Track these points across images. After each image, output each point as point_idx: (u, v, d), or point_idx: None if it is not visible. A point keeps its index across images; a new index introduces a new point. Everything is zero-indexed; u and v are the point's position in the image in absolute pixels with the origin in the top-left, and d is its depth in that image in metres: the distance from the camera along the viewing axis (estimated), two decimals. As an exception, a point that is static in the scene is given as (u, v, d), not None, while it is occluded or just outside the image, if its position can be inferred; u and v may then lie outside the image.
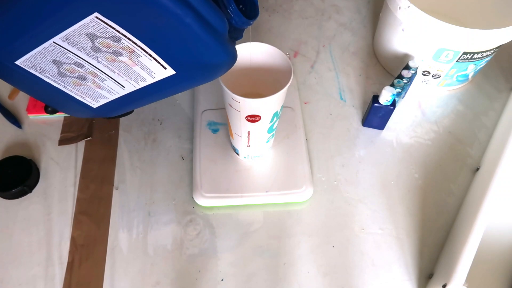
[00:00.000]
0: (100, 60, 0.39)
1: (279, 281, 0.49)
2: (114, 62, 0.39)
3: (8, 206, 0.53)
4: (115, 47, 0.38)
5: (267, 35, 0.72)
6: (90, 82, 0.42)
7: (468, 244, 0.44)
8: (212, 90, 0.62)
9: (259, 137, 0.51)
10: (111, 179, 0.56)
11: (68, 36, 0.36)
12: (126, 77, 0.41)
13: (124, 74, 0.41)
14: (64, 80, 0.42)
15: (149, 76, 0.41)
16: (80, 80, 0.41)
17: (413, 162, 0.59)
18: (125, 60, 0.39)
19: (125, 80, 0.41)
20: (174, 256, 0.50)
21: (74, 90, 0.43)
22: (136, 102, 0.46)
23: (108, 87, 0.42)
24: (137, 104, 0.47)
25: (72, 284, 0.48)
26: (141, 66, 0.40)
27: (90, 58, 0.39)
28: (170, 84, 0.41)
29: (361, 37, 0.73)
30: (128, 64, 0.39)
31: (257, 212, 0.54)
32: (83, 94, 0.44)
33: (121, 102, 0.45)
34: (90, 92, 0.43)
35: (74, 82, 0.42)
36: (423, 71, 0.63)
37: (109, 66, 0.40)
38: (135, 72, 0.40)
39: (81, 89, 0.43)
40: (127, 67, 0.40)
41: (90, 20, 0.35)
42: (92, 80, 0.42)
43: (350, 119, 0.63)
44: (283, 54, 0.46)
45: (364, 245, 0.52)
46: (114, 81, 0.42)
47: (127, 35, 0.36)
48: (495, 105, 0.65)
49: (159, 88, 0.42)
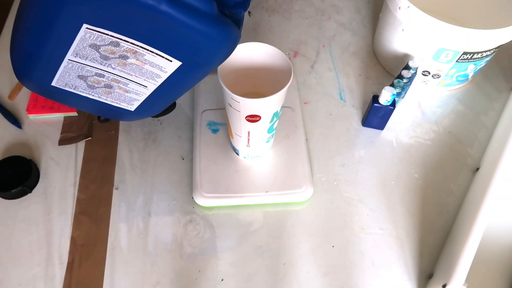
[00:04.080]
0: (114, 67, 0.41)
1: (279, 281, 0.49)
2: (126, 65, 0.41)
3: (8, 206, 0.53)
4: (119, 52, 0.39)
5: (267, 35, 0.73)
6: (117, 89, 0.45)
7: (468, 244, 0.44)
8: (212, 90, 0.62)
9: (259, 137, 0.51)
10: (111, 179, 0.56)
11: (77, 51, 0.39)
12: (143, 77, 0.43)
13: (140, 74, 0.42)
14: (96, 91, 0.45)
15: (161, 71, 0.42)
16: (108, 89, 0.44)
17: (413, 162, 0.59)
18: (134, 62, 0.40)
19: (143, 80, 0.43)
20: (174, 256, 0.50)
21: (108, 98, 0.46)
22: (166, 97, 0.48)
23: (134, 89, 0.45)
24: (168, 99, 0.49)
25: (72, 284, 0.48)
26: (150, 64, 0.41)
27: (105, 67, 0.41)
28: (184, 74, 0.42)
29: (361, 37, 0.73)
30: (138, 64, 0.41)
31: (257, 212, 0.54)
32: (117, 100, 0.47)
33: (153, 101, 0.47)
34: (122, 98, 0.46)
35: (104, 92, 0.45)
36: (423, 71, 0.63)
37: (124, 70, 0.42)
38: (148, 71, 0.42)
39: (113, 96, 0.46)
40: (139, 68, 0.41)
41: (84, 32, 0.36)
42: (118, 86, 0.44)
43: (350, 119, 0.63)
44: (283, 54, 0.46)
45: (364, 245, 0.52)
46: (136, 83, 0.44)
47: (122, 38, 0.37)
48: (495, 105, 0.65)
49: (177, 80, 0.43)
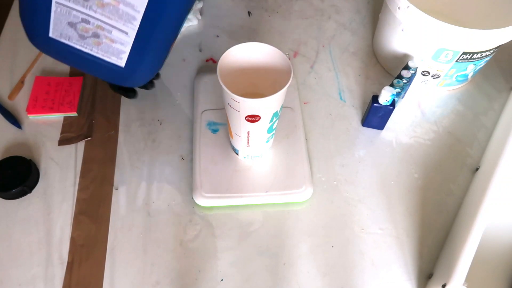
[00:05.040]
0: (95, 10, 0.46)
1: (279, 281, 0.49)
2: (104, 7, 0.45)
3: (8, 206, 0.53)
4: None
5: (267, 35, 0.73)
6: (104, 38, 0.49)
7: (467, 244, 0.44)
8: (212, 90, 0.62)
9: (259, 137, 0.51)
10: (111, 179, 0.56)
11: None
12: (122, 21, 0.47)
13: (118, 17, 0.46)
14: (87, 42, 0.49)
15: (134, 11, 0.46)
16: (96, 39, 0.49)
17: (412, 162, 0.59)
18: (109, 1, 0.45)
19: (122, 24, 0.47)
20: (174, 256, 0.50)
21: (99, 51, 0.50)
22: (150, 49, 0.50)
23: (118, 38, 0.48)
24: (153, 52, 0.51)
25: (72, 284, 0.48)
26: (123, 3, 0.45)
27: (87, 10, 0.46)
28: (156, 13, 0.46)
29: (360, 37, 0.73)
30: (114, 4, 0.45)
31: (257, 212, 0.54)
32: (106, 53, 0.50)
33: (139, 53, 0.50)
34: (110, 50, 0.50)
35: (94, 42, 0.49)
36: (423, 71, 0.63)
37: (104, 13, 0.46)
38: (124, 12, 0.46)
39: (102, 47, 0.50)
40: (115, 9, 0.46)
41: None
42: (104, 35, 0.48)
43: (349, 119, 0.63)
44: (283, 54, 0.46)
45: (364, 245, 0.52)
46: (118, 29, 0.48)
47: None
48: (495, 105, 0.66)
49: (153, 23, 0.47)
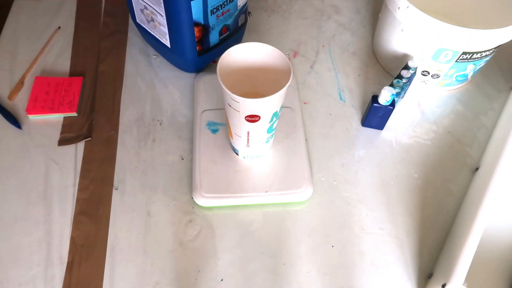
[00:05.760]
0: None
1: (279, 281, 0.49)
2: None
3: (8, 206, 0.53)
4: None
5: (267, 35, 0.73)
6: (156, 22, 0.59)
7: (467, 243, 0.44)
8: (212, 90, 0.62)
9: (259, 137, 0.51)
10: (111, 179, 0.56)
11: None
12: (157, 5, 0.55)
13: (156, 2, 0.55)
14: (150, 26, 0.61)
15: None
16: (153, 22, 0.59)
17: (412, 162, 0.59)
18: None
19: (158, 7, 0.55)
20: (174, 256, 0.50)
21: (156, 32, 0.61)
22: (177, 30, 0.57)
23: (161, 21, 0.57)
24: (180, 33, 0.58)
25: (72, 284, 0.48)
26: None
27: None
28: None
29: (360, 37, 0.73)
30: None
31: (256, 212, 0.54)
32: (160, 34, 0.61)
33: (174, 34, 0.58)
34: (160, 32, 0.60)
35: (153, 25, 0.60)
36: (423, 71, 0.63)
37: (150, 0, 0.56)
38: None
39: (157, 30, 0.60)
40: None
41: None
42: (156, 19, 0.58)
43: (349, 119, 0.63)
44: (283, 54, 0.46)
45: (364, 245, 0.52)
46: (158, 13, 0.57)
47: None
48: (495, 105, 0.66)
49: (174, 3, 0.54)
